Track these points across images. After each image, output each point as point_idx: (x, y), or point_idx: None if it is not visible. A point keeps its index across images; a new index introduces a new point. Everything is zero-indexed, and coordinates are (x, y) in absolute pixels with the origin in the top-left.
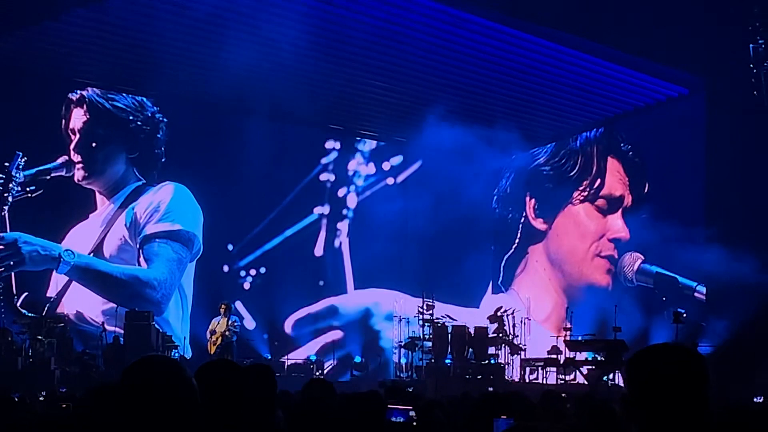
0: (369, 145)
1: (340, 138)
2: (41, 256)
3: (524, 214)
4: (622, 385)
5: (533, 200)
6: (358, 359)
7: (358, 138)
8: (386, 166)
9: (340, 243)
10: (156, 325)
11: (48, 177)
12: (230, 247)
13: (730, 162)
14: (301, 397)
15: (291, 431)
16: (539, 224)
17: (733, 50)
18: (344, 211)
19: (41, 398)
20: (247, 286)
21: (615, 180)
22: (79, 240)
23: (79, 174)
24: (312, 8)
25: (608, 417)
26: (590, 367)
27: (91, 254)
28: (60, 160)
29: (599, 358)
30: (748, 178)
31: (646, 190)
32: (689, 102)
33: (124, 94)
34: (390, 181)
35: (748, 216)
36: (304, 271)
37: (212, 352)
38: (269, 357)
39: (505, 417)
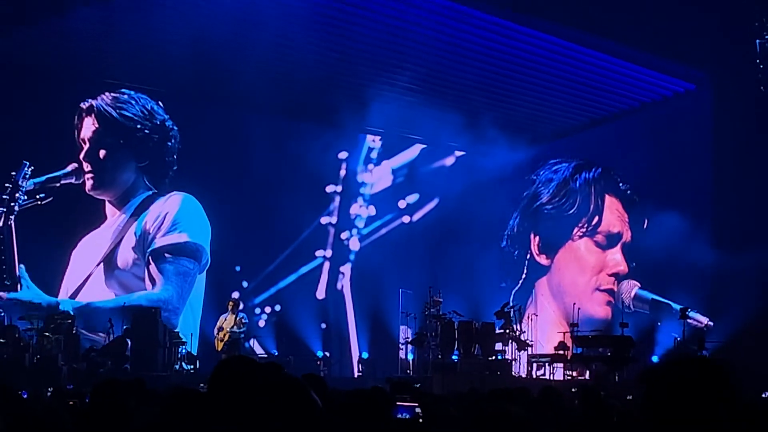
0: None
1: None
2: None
3: (529, 251)
4: (624, 379)
5: (537, 237)
6: (364, 355)
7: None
8: (402, 204)
9: (342, 286)
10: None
11: (58, 184)
12: (237, 268)
13: (738, 156)
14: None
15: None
16: (543, 260)
17: (739, 46)
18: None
19: (48, 394)
20: (262, 323)
21: (614, 217)
22: (90, 250)
23: (89, 184)
24: (318, 6)
25: (607, 412)
26: (598, 362)
27: (101, 264)
28: (70, 168)
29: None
30: (756, 172)
31: (645, 226)
32: (696, 98)
33: (133, 102)
34: (406, 219)
35: (756, 212)
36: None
37: (220, 349)
38: (276, 353)
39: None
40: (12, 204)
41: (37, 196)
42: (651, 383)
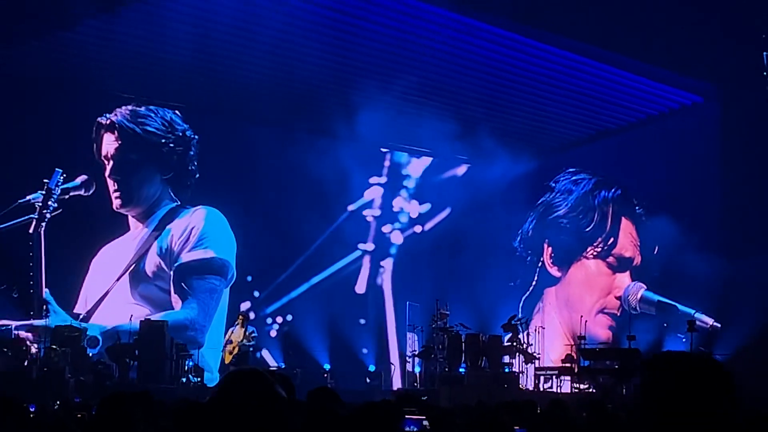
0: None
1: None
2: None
3: (542, 260)
4: (632, 392)
5: (550, 248)
6: (372, 368)
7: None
8: (414, 213)
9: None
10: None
11: (67, 196)
12: (249, 278)
13: (746, 168)
14: (306, 405)
15: None
16: (554, 271)
17: (746, 58)
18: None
19: (56, 407)
20: (273, 333)
21: (627, 241)
22: (112, 260)
23: (116, 202)
24: (326, 18)
25: (614, 425)
26: (605, 375)
27: (125, 277)
28: (79, 180)
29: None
30: (764, 184)
31: (655, 252)
32: (703, 110)
33: (152, 116)
34: (418, 229)
35: (764, 224)
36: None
37: (228, 362)
38: (283, 366)
39: (518, 428)
40: (44, 211)
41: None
42: (653, 371)
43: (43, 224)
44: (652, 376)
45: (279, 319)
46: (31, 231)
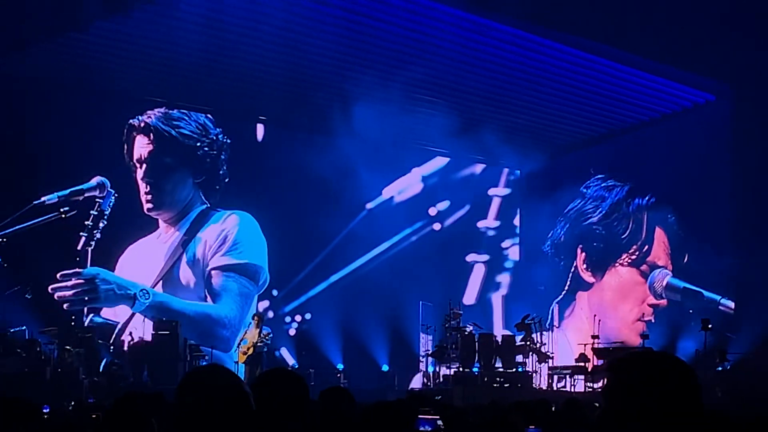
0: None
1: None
2: (116, 294)
3: (575, 265)
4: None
5: (584, 254)
6: (385, 368)
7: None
8: (432, 211)
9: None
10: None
11: (81, 198)
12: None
13: (758, 166)
14: (318, 405)
15: None
16: (587, 276)
17: (759, 55)
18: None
19: (70, 408)
20: (292, 332)
21: (660, 249)
22: (141, 260)
23: (147, 205)
24: (337, 18)
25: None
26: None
27: (159, 280)
28: (94, 181)
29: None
30: None
31: (685, 260)
32: (715, 108)
33: (186, 119)
34: (437, 226)
35: None
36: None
37: (242, 362)
38: (297, 366)
39: (532, 427)
40: (94, 231)
41: (61, 210)
42: (615, 372)
43: (93, 243)
44: (614, 377)
45: (298, 318)
46: (79, 248)
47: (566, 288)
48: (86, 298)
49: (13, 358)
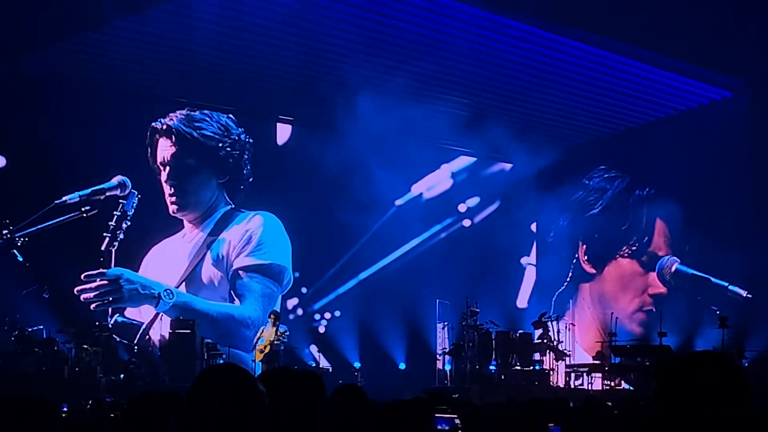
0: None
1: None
2: (140, 294)
3: (576, 256)
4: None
5: (585, 246)
6: (402, 366)
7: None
8: (462, 207)
9: None
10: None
11: (102, 197)
12: (297, 273)
13: None
14: (331, 402)
15: None
16: (588, 268)
17: None
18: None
19: (88, 407)
20: (322, 329)
21: (661, 241)
22: (166, 260)
23: (172, 207)
24: (354, 16)
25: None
26: (636, 372)
27: (183, 279)
28: (115, 180)
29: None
30: None
31: (687, 249)
32: (732, 105)
33: (208, 120)
34: (467, 223)
35: None
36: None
37: (259, 360)
38: (314, 365)
39: (552, 425)
40: (117, 232)
41: (82, 209)
42: (662, 377)
43: (116, 243)
44: (667, 380)
45: (327, 315)
46: (102, 248)
47: (568, 279)
48: (110, 299)
49: (31, 357)
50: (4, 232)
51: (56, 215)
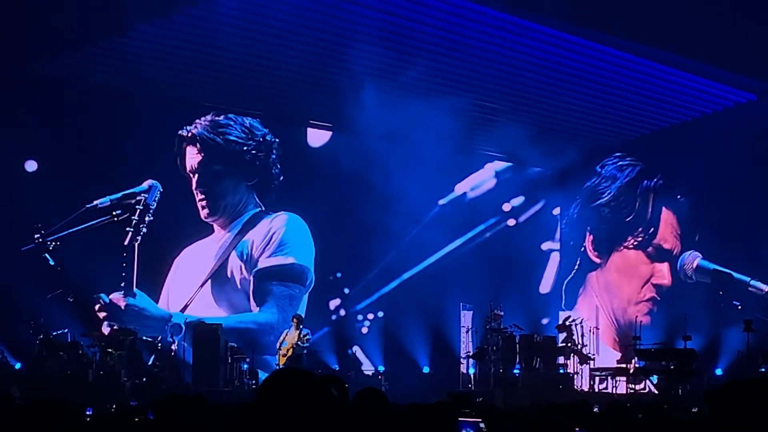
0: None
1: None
2: (154, 327)
3: (584, 246)
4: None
5: (591, 236)
6: (426, 370)
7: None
8: (507, 207)
9: None
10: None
11: (133, 201)
12: (339, 274)
13: None
14: (353, 405)
15: None
16: (595, 258)
17: None
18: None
19: (112, 411)
20: (365, 330)
21: (668, 232)
22: (196, 262)
23: (203, 212)
24: (380, 20)
25: (671, 426)
26: (661, 376)
27: (208, 279)
28: (146, 184)
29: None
30: None
31: (696, 239)
32: (757, 108)
33: (232, 124)
34: (511, 222)
35: None
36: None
37: (282, 364)
38: (337, 368)
39: (577, 429)
40: (140, 225)
41: (113, 213)
42: (715, 402)
43: (139, 237)
44: (713, 406)
45: (370, 316)
46: (125, 243)
47: (576, 268)
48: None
49: (56, 361)
50: (36, 236)
51: (88, 219)
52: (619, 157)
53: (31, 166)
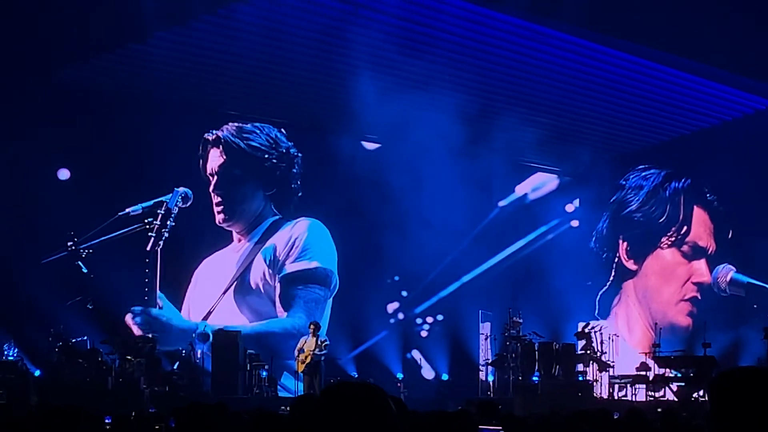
0: None
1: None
2: (177, 337)
3: (618, 255)
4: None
5: (626, 243)
6: (444, 377)
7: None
8: (569, 207)
9: None
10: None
11: (164, 209)
12: (396, 277)
13: None
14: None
15: None
16: (630, 264)
17: None
18: None
19: (131, 418)
20: (424, 334)
21: (701, 229)
22: (216, 272)
23: (219, 217)
24: (395, 27)
25: None
26: (680, 383)
27: (231, 288)
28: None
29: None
30: None
31: (729, 236)
32: None
33: (258, 132)
34: (575, 223)
35: None
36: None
37: (300, 371)
38: (356, 375)
39: None
40: (162, 230)
41: (145, 221)
42: (718, 391)
43: (161, 243)
44: (721, 395)
45: (429, 319)
46: (148, 249)
47: (611, 279)
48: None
49: (75, 368)
50: (69, 243)
51: (119, 227)
52: (641, 169)
53: (63, 174)
